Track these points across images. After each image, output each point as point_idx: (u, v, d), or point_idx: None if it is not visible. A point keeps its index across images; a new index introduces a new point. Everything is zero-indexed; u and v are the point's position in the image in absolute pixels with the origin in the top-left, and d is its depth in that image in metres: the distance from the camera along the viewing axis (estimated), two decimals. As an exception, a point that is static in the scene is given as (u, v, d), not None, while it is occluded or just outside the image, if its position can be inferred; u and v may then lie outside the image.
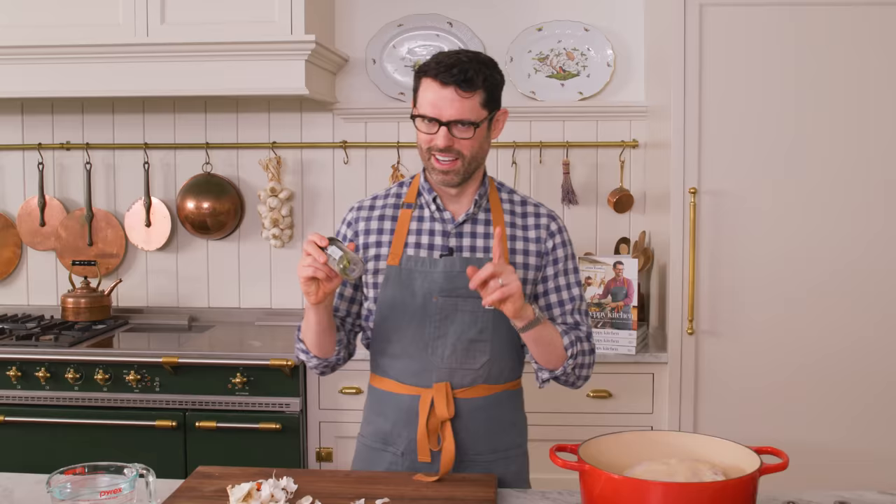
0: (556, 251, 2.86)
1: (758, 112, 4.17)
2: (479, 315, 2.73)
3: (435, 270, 2.74)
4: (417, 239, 2.81)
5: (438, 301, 2.73)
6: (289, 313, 5.17)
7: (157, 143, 5.20)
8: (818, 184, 4.17)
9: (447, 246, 2.79)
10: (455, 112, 2.63)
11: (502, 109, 2.79)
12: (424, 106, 2.67)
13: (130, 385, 4.35)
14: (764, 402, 4.25)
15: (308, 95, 4.50)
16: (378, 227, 2.85)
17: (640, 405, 4.33)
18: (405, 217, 2.84)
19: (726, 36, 4.16)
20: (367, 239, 2.85)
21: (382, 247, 2.82)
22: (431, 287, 2.74)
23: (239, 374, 4.30)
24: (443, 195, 2.83)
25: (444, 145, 2.65)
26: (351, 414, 4.36)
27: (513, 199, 2.90)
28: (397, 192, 2.92)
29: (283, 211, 5.05)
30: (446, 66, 2.63)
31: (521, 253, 2.81)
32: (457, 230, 2.80)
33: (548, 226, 2.86)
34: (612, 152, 5.01)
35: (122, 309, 5.28)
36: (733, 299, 4.24)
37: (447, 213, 2.82)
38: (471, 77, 2.62)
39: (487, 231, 2.81)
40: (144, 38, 4.48)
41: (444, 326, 2.74)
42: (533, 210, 2.89)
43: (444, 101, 2.63)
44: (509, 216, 2.85)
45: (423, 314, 2.74)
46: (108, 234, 5.26)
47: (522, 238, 2.83)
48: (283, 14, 4.44)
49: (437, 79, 2.63)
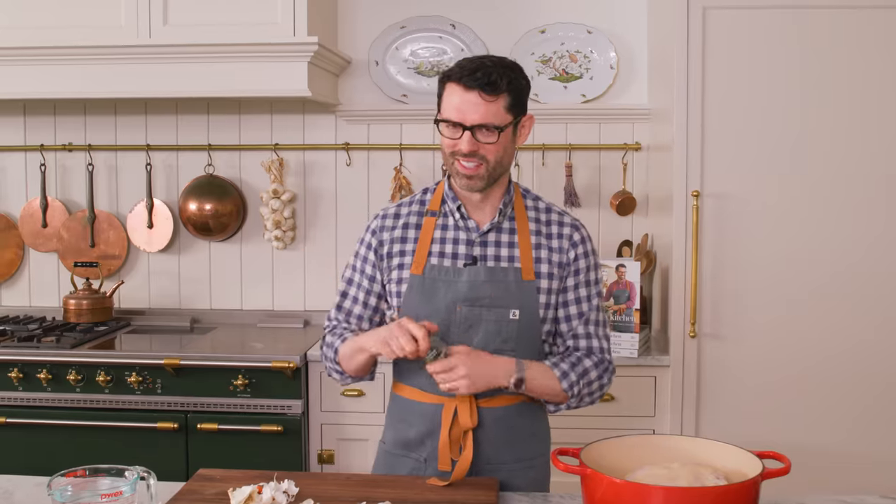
0: (578, 262, 2.82)
1: (761, 115, 4.17)
2: (504, 325, 2.72)
3: (459, 280, 2.73)
4: (441, 248, 2.79)
5: (462, 310, 2.71)
6: (291, 315, 5.17)
7: (159, 145, 5.20)
8: (821, 186, 4.17)
9: (471, 255, 2.77)
10: (479, 116, 2.61)
11: (528, 115, 2.77)
12: (448, 110, 2.65)
13: (132, 387, 4.34)
14: (766, 406, 4.25)
15: (310, 97, 4.50)
16: (402, 236, 2.83)
17: (643, 408, 4.33)
18: (429, 225, 2.82)
19: (729, 39, 4.16)
20: (391, 248, 2.83)
21: (406, 255, 2.80)
22: (455, 296, 2.72)
23: (241, 376, 4.30)
24: (467, 203, 2.81)
25: (467, 150, 2.63)
26: (353, 416, 4.37)
27: (538, 207, 2.88)
28: (421, 199, 2.90)
29: (286, 213, 5.04)
30: (470, 70, 2.62)
31: (545, 262, 2.79)
32: (481, 239, 2.78)
33: (570, 236, 2.83)
34: (614, 155, 5.01)
35: (124, 310, 5.28)
36: (736, 302, 4.24)
37: (471, 222, 2.79)
38: (494, 80, 2.61)
39: (512, 240, 2.79)
40: (147, 39, 4.48)
41: (468, 336, 2.71)
42: (557, 218, 2.86)
43: (467, 105, 2.61)
44: (534, 224, 2.82)
45: (447, 324, 2.72)
46: (109, 235, 5.25)
47: (547, 247, 2.80)
48: (286, 16, 4.44)
49: (461, 83, 2.62)
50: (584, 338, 2.84)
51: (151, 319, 5.24)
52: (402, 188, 5.01)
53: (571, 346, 2.83)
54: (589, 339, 2.84)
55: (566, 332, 2.83)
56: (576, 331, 2.83)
